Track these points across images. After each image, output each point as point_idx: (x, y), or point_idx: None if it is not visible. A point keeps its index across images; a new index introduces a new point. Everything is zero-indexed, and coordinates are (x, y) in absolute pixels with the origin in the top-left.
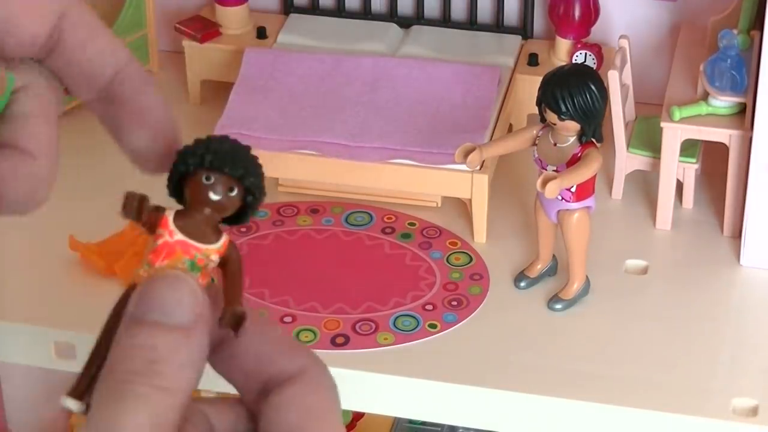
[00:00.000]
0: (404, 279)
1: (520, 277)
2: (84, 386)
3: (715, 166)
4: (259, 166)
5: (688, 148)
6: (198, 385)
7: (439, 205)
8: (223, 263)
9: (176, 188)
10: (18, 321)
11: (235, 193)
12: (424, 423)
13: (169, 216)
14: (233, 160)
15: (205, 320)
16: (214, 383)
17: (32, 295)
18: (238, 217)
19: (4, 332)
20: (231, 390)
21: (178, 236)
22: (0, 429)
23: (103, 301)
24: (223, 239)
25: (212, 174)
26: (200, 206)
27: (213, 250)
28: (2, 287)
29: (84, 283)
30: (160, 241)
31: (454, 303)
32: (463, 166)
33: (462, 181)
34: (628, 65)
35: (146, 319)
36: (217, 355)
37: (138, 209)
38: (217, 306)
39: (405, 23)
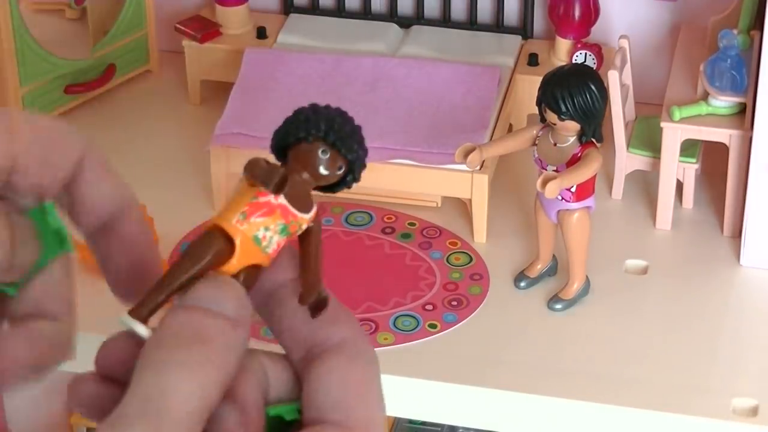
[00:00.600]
0: (404, 279)
1: (520, 277)
2: (147, 312)
3: (715, 166)
4: (365, 150)
5: (688, 148)
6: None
7: (439, 205)
8: (305, 232)
9: (283, 146)
10: None
11: (341, 171)
12: (424, 423)
13: None
14: (351, 143)
15: (247, 323)
16: None
17: None
18: (330, 187)
19: None
20: None
21: (282, 200)
22: (0, 429)
23: (104, 301)
24: (315, 209)
25: (329, 150)
26: (304, 172)
27: (306, 220)
28: None
29: (84, 283)
30: (263, 198)
31: (454, 303)
32: (463, 166)
33: (462, 181)
34: (628, 65)
35: (194, 305)
36: (268, 313)
37: (281, 182)
38: (289, 263)
39: (405, 23)
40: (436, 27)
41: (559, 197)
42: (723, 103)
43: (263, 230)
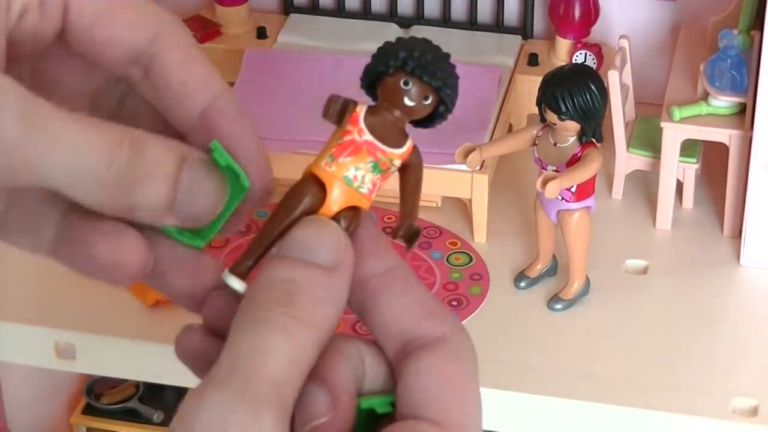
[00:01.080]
0: None
1: (520, 277)
2: (246, 267)
3: (715, 166)
4: (456, 77)
5: (688, 148)
6: (336, 328)
7: (439, 205)
8: (403, 168)
9: (371, 84)
10: (18, 321)
11: (429, 101)
12: None
13: (360, 112)
14: (434, 70)
15: (348, 267)
16: None
17: (32, 295)
18: (425, 121)
19: (4, 332)
20: None
21: (367, 136)
22: (0, 429)
23: (104, 301)
24: (408, 144)
25: (411, 79)
26: (392, 108)
27: (397, 155)
28: (2, 287)
29: (84, 283)
30: (347, 138)
31: (454, 303)
32: (463, 166)
33: (462, 181)
34: (628, 65)
35: (288, 255)
36: (360, 303)
37: (341, 113)
38: (372, 251)
39: (405, 23)
40: (436, 27)
41: (559, 197)
42: (723, 103)
43: (353, 170)
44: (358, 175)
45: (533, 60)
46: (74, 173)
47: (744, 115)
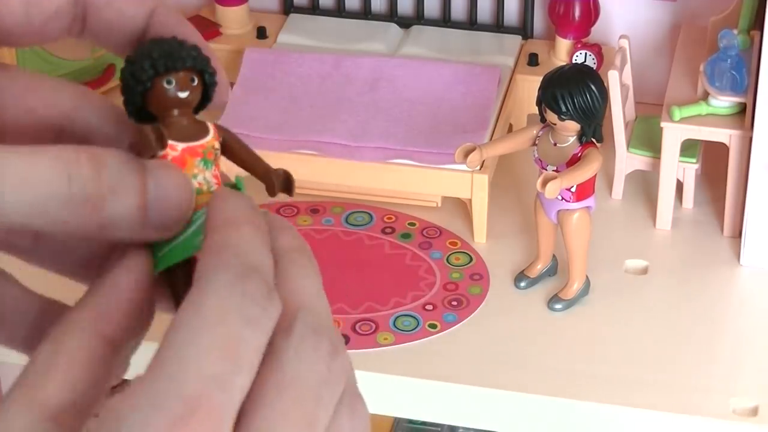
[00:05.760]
0: (404, 279)
1: (520, 277)
2: None
3: (715, 166)
4: (194, 43)
5: (688, 148)
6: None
7: (439, 205)
8: (224, 147)
9: (139, 110)
10: None
11: (196, 81)
12: (424, 423)
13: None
14: (179, 53)
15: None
16: None
17: None
18: (206, 99)
19: None
20: None
21: (180, 145)
22: None
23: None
24: (210, 126)
25: (170, 76)
26: (173, 110)
27: (211, 139)
28: None
29: (82, 286)
30: (169, 159)
31: (454, 303)
32: (463, 166)
33: (462, 181)
34: (628, 65)
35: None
36: None
37: (159, 136)
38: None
39: (405, 23)
40: (436, 27)
41: (559, 197)
42: (723, 103)
43: (194, 180)
44: (200, 180)
45: (533, 60)
46: (34, 198)
47: (744, 115)
